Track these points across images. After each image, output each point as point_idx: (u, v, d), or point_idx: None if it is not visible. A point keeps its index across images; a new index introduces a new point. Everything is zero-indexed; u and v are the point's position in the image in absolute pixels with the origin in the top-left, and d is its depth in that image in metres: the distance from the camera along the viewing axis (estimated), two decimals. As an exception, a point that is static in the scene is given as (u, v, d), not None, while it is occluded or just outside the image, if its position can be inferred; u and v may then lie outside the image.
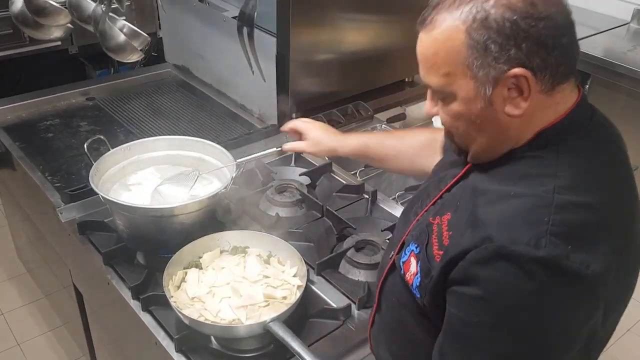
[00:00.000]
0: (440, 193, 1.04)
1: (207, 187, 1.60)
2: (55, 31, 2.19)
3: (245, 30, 2.00)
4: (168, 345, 1.31)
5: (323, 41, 2.06)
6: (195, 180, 1.59)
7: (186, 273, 1.39)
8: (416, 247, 1.00)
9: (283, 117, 2.09)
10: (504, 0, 0.83)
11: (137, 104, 2.31)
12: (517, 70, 0.84)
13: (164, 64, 2.59)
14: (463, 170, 1.01)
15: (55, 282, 2.22)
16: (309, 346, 1.29)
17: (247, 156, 1.59)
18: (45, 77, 2.63)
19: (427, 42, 0.90)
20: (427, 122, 2.28)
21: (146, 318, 1.38)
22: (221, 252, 1.45)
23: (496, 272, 0.83)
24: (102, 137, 1.58)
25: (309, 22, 1.98)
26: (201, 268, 1.41)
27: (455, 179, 1.02)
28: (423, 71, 0.93)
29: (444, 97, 0.93)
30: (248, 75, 2.12)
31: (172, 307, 1.28)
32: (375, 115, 2.24)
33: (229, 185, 1.50)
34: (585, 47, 3.02)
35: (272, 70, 2.01)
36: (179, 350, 1.29)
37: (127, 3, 2.52)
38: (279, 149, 1.58)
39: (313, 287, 1.47)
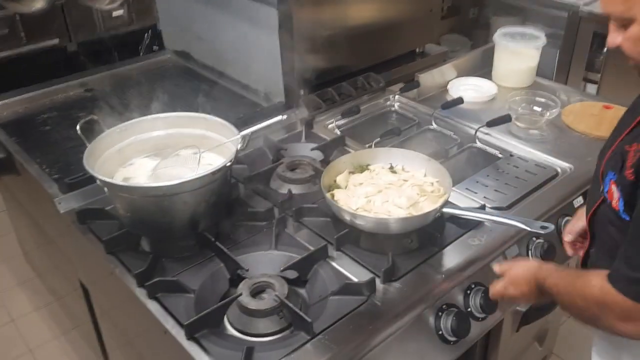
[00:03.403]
0: (636, 121, 1.08)
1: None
2: (37, 2, 2.08)
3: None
4: (178, 333, 1.20)
5: (327, 14, 1.96)
6: (199, 160, 1.47)
7: (333, 195, 1.44)
8: (614, 175, 1.08)
9: (290, 94, 1.97)
10: None
11: (138, 93, 2.20)
12: None
13: (163, 51, 2.49)
14: None
15: (64, 284, 2.12)
16: (330, 326, 1.18)
17: (251, 127, 1.46)
18: (45, 76, 2.54)
19: None
20: (442, 90, 2.16)
21: (153, 306, 1.28)
22: (349, 173, 1.52)
23: None
24: (95, 117, 1.47)
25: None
26: (344, 187, 1.48)
27: None
28: (603, 2, 1.01)
29: (625, 23, 0.99)
30: (251, 53, 2.01)
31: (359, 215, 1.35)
32: (387, 88, 2.12)
33: (233, 159, 1.38)
34: (600, 10, 2.86)
35: (276, 44, 1.89)
36: (190, 337, 1.18)
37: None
38: (284, 116, 1.46)
39: (333, 263, 1.36)
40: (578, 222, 1.35)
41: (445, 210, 1.37)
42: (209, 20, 2.14)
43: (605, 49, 3.01)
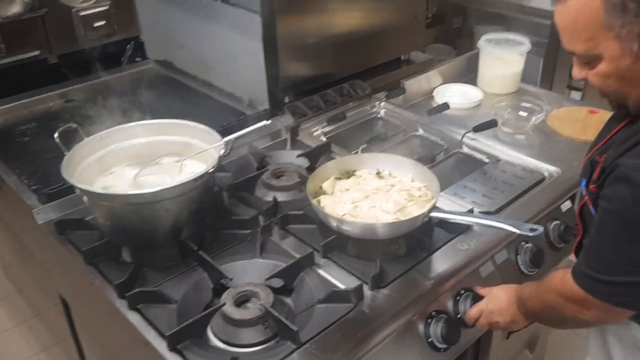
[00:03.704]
0: (611, 134, 1.13)
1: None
2: (13, 7, 2.04)
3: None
4: (160, 345, 1.16)
5: (312, 21, 1.94)
6: (181, 168, 1.44)
7: (319, 201, 1.41)
8: (585, 182, 1.14)
9: (275, 101, 1.95)
10: None
11: (119, 102, 2.15)
12: None
13: (145, 61, 2.45)
14: (627, 119, 1.09)
15: (44, 298, 2.07)
16: (317, 335, 1.15)
17: (235, 133, 1.44)
18: (25, 88, 2.49)
19: (565, 12, 0.97)
20: (427, 96, 2.15)
21: (134, 318, 1.24)
22: (336, 179, 1.50)
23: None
24: (74, 125, 1.43)
25: (293, 2, 1.85)
26: (330, 194, 1.45)
27: (622, 124, 1.10)
28: (565, 40, 1.00)
29: (590, 60, 0.99)
30: (235, 61, 1.98)
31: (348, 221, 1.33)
32: (373, 95, 2.10)
33: (216, 165, 1.35)
34: None
35: (259, 52, 1.87)
36: (172, 349, 1.14)
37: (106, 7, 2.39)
38: (269, 121, 1.44)
39: (319, 271, 1.33)
40: None
41: (433, 214, 1.35)
42: (192, 29, 2.12)
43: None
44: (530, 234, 1.24)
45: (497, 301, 1.29)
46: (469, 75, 2.28)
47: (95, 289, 1.34)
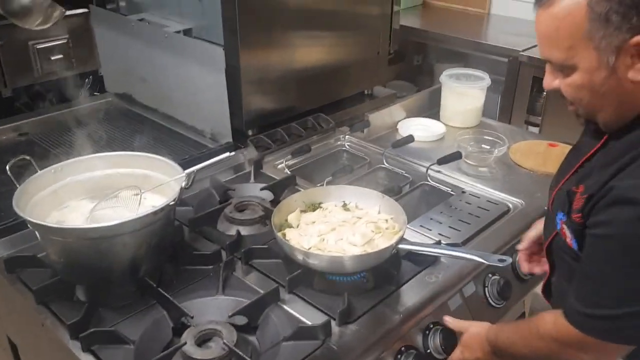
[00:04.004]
0: (581, 162, 1.11)
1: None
2: None
3: None
4: (116, 389, 1.09)
5: (275, 55, 1.94)
6: (140, 200, 1.38)
7: (284, 234, 1.38)
8: (563, 215, 1.09)
9: (238, 135, 1.92)
10: None
11: (76, 137, 2.08)
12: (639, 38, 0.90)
13: (104, 94, 2.40)
14: (602, 141, 1.06)
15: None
16: (285, 373, 1.10)
17: (197, 165, 1.39)
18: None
19: (547, 19, 0.96)
20: (391, 130, 2.15)
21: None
22: (301, 211, 1.47)
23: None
24: (27, 157, 1.37)
25: (257, 36, 1.85)
26: (295, 227, 1.42)
27: (595, 148, 1.08)
28: (543, 48, 0.99)
29: (565, 70, 0.98)
30: (197, 93, 1.95)
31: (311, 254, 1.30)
32: (337, 128, 2.09)
33: (177, 198, 1.30)
34: (538, 54, 2.96)
35: (222, 85, 1.84)
36: (128, 392, 1.07)
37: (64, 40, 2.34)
38: (232, 153, 1.40)
39: (285, 307, 1.28)
40: (532, 232, 1.39)
41: (401, 246, 1.33)
42: (154, 62, 2.08)
43: (544, 93, 3.11)
44: (500, 265, 1.22)
45: (471, 351, 1.25)
46: (431, 109, 2.30)
47: (46, 329, 1.26)
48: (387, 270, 1.35)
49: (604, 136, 1.07)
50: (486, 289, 1.45)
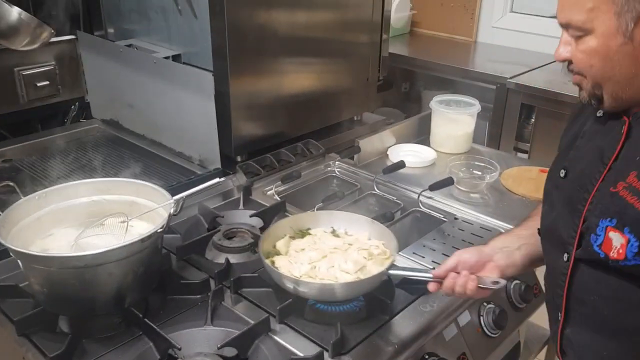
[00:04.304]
0: (609, 164, 1.02)
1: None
2: None
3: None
4: None
5: (265, 81, 1.93)
6: (127, 228, 1.35)
7: (273, 262, 1.34)
8: (610, 220, 0.98)
9: (227, 161, 1.90)
10: None
11: (61, 163, 2.05)
12: None
13: (90, 121, 2.36)
14: (624, 132, 1.00)
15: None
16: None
17: (185, 192, 1.37)
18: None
19: None
20: (381, 156, 2.14)
21: (70, 395, 1.11)
22: (290, 238, 1.44)
23: None
24: (11, 183, 1.33)
25: (247, 62, 1.85)
26: (285, 254, 1.38)
27: (620, 144, 1.01)
28: (565, 8, 0.97)
29: (581, 34, 0.96)
30: (185, 119, 1.93)
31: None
32: (327, 154, 2.08)
33: (165, 225, 1.27)
34: (526, 81, 3.00)
35: (212, 110, 1.82)
36: None
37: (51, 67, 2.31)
38: (221, 179, 1.37)
39: (276, 338, 1.24)
40: (451, 260, 1.22)
41: (393, 272, 1.30)
42: (142, 88, 2.06)
43: (533, 119, 3.13)
44: (495, 287, 1.19)
45: None
46: (421, 136, 2.30)
47: (27, 363, 1.21)
48: (380, 298, 1.32)
49: (606, 122, 1.04)
50: (481, 317, 1.42)
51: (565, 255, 1.08)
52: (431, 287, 1.23)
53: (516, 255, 1.24)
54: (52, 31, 1.77)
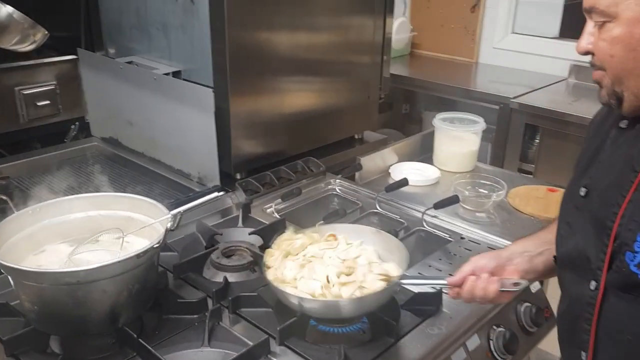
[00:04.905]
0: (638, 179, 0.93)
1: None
2: None
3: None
4: None
5: (265, 98, 1.91)
6: (122, 244, 1.30)
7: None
8: None
9: (226, 178, 1.86)
10: None
11: (59, 181, 2.02)
12: None
13: (90, 139, 2.33)
14: None
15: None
16: None
17: (184, 206, 1.32)
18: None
19: None
20: (383, 174, 2.10)
21: (59, 419, 1.05)
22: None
23: None
24: (3, 197, 1.29)
25: (248, 80, 1.83)
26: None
27: None
28: None
29: (605, 19, 0.93)
30: (185, 136, 1.90)
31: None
32: (328, 172, 2.04)
33: (162, 241, 1.22)
34: (530, 101, 2.98)
35: (211, 127, 1.79)
36: None
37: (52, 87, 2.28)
38: (220, 193, 1.34)
39: (275, 360, 1.19)
40: (468, 266, 1.18)
41: (405, 281, 1.25)
42: (141, 105, 2.03)
43: (537, 140, 3.10)
44: (516, 289, 1.13)
45: None
46: (423, 154, 2.26)
47: (15, 385, 1.15)
48: (385, 320, 1.27)
49: (633, 129, 0.98)
50: (491, 341, 1.36)
51: (593, 283, 0.97)
52: (452, 292, 1.17)
53: (538, 260, 1.18)
54: (46, 33, 1.74)
